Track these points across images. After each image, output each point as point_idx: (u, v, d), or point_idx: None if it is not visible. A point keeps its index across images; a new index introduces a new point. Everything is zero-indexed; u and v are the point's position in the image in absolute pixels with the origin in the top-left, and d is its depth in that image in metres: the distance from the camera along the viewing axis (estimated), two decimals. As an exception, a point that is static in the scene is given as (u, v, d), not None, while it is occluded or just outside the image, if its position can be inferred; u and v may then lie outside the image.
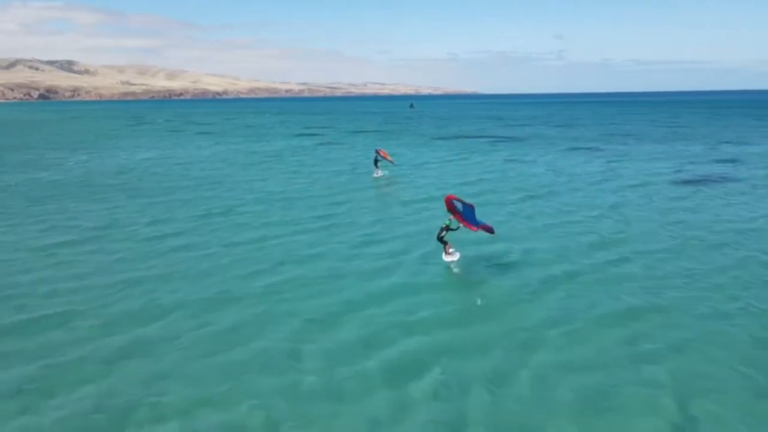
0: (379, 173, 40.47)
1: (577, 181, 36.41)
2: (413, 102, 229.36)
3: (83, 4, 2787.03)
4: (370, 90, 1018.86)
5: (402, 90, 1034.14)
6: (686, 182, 35.63)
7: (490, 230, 19.27)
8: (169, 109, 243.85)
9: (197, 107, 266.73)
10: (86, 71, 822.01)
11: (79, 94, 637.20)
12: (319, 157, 52.93)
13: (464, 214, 19.32)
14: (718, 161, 45.53)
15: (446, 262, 19.55)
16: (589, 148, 56.23)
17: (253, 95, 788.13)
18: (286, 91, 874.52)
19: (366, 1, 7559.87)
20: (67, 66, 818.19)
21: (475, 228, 18.88)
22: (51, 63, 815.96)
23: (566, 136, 72.53)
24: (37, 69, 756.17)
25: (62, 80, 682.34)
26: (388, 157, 40.65)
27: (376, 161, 40.86)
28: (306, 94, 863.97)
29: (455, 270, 19.14)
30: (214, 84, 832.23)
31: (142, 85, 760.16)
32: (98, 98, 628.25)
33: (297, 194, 33.46)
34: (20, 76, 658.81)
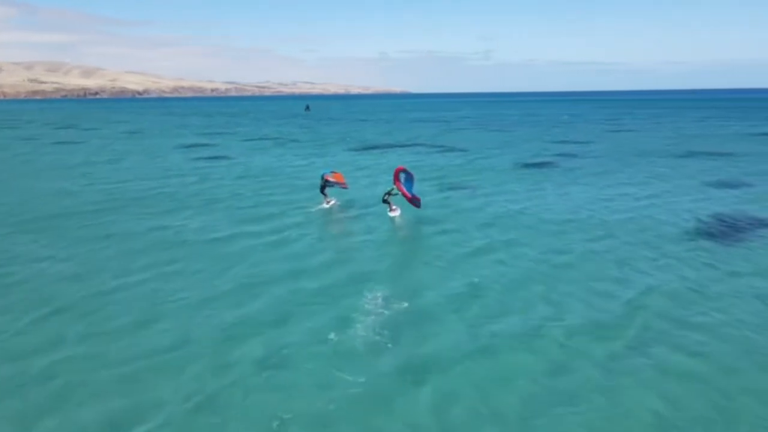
0: (330, 202, 29.36)
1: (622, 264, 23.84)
2: (309, 104, 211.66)
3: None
4: (300, 89, 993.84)
5: (332, 89, 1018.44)
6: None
7: (416, 204, 24.73)
8: (60, 110, 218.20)
9: (104, 108, 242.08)
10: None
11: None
12: (215, 184, 37.31)
13: (405, 183, 24.65)
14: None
15: (390, 216, 25.24)
16: (573, 169, 44.45)
17: (177, 94, 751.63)
18: (212, 90, 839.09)
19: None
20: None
21: (409, 196, 24.58)
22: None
23: (532, 147, 60.92)
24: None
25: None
26: (342, 181, 29.38)
27: (323, 188, 29.31)
28: (233, 94, 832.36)
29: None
30: (134, 82, 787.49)
31: (54, 83, 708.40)
32: (2, 97, 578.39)
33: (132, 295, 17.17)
34: None
